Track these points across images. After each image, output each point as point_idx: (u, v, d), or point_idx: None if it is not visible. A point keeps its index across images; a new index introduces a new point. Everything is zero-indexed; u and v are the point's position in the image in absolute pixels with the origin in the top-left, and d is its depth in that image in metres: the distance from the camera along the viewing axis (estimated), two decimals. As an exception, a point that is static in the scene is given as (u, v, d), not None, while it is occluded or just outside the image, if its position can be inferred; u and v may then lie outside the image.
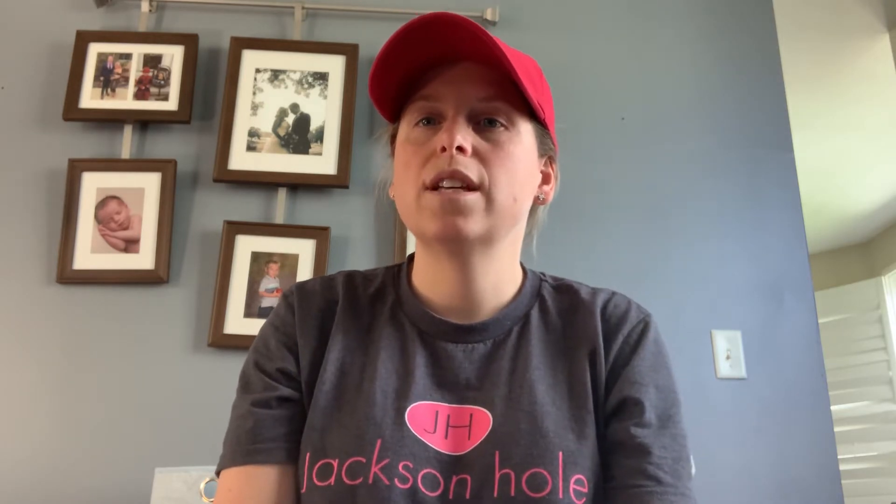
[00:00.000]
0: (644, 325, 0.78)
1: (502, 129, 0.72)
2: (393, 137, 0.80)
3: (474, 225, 0.70)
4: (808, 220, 2.00)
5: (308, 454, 0.70)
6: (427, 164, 0.71)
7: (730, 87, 2.01)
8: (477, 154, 0.71)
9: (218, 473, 0.74)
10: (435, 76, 0.73)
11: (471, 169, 0.70)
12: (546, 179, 0.81)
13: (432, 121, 0.73)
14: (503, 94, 0.72)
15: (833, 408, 1.85)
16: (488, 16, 1.96)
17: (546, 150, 0.79)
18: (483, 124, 0.72)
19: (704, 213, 1.91)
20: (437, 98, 0.72)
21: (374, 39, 1.94)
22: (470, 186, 0.70)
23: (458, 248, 0.73)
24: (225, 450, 0.74)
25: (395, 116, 0.78)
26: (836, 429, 1.83)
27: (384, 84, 0.74)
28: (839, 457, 1.78)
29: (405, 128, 0.75)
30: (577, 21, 2.04)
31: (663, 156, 1.94)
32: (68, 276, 1.71)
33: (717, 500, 1.67)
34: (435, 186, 0.71)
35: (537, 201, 0.80)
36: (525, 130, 0.75)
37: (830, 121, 3.23)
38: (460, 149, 0.70)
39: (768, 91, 2.02)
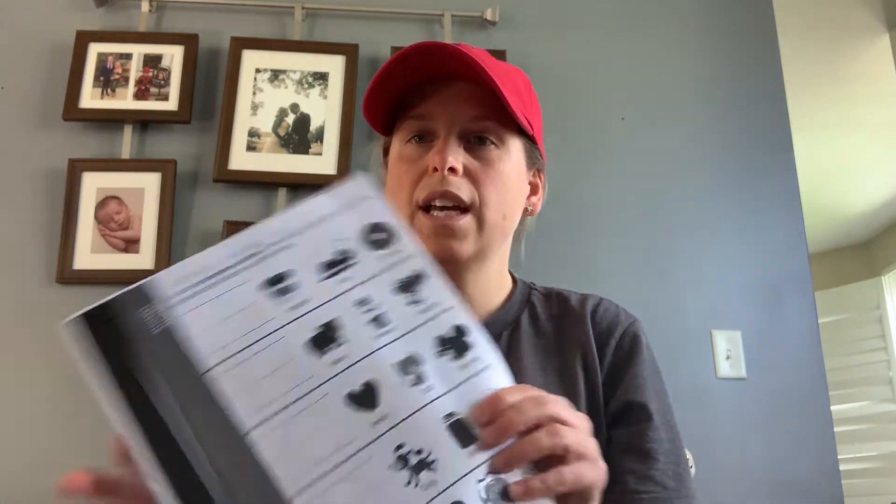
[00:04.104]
0: (636, 331, 0.80)
1: (492, 146, 0.75)
2: (386, 150, 0.83)
3: (468, 246, 0.74)
4: (808, 220, 1.99)
5: None
6: (420, 182, 0.74)
7: (730, 88, 2.01)
8: (468, 173, 0.74)
9: None
10: (427, 95, 0.75)
11: (462, 189, 0.73)
12: (534, 190, 0.83)
13: (424, 137, 0.76)
14: (493, 113, 0.74)
15: (833, 408, 1.85)
16: (488, 16, 1.96)
17: (534, 163, 0.82)
18: (473, 142, 0.75)
19: (704, 213, 1.91)
20: (430, 117, 0.75)
21: (374, 39, 1.93)
22: (461, 207, 0.73)
23: (451, 266, 0.75)
24: None
25: (388, 129, 0.81)
26: (836, 429, 1.83)
27: (377, 106, 0.77)
28: (839, 457, 1.78)
29: (398, 144, 0.78)
30: (577, 21, 2.03)
31: (663, 156, 1.94)
32: (68, 276, 1.71)
33: (717, 500, 1.67)
34: (427, 206, 0.73)
35: (526, 213, 0.83)
36: (514, 147, 0.77)
37: (830, 121, 3.23)
38: (452, 169, 0.72)
39: (768, 91, 2.02)
